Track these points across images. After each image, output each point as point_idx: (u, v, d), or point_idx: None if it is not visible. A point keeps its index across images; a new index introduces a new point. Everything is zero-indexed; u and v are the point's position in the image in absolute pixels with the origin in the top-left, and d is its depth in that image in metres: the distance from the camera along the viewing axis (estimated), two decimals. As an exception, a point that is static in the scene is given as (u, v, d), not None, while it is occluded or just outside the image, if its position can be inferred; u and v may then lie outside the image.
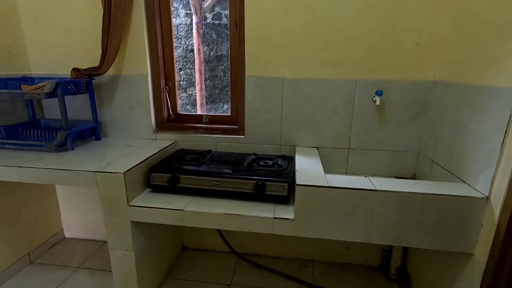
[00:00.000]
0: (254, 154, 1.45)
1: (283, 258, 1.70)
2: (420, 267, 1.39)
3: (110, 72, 1.52)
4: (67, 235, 1.89)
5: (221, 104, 2.27)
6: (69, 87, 1.37)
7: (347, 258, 1.66)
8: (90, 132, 1.54)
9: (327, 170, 1.20)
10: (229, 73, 1.61)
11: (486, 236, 0.94)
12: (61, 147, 1.35)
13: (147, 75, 1.52)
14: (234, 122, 1.60)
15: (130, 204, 1.14)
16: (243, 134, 1.54)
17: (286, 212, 1.09)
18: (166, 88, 1.60)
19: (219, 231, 1.66)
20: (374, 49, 1.33)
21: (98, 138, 1.56)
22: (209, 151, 1.47)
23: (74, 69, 1.42)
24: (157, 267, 1.44)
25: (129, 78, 1.53)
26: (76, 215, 1.83)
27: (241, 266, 1.64)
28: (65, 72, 1.50)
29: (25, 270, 1.59)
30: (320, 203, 1.03)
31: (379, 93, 1.34)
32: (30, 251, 1.64)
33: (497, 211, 0.89)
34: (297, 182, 1.04)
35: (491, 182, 0.92)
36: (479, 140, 0.99)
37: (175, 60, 1.61)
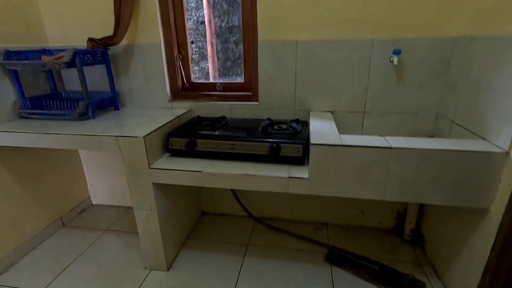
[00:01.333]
0: (268, 119, 1.46)
1: (298, 221, 1.75)
2: (434, 228, 1.41)
3: (125, 41, 1.53)
4: (94, 202, 2.02)
5: (234, 77, 2.26)
6: (86, 57, 1.40)
7: (361, 221, 1.70)
8: (109, 102, 1.59)
9: (342, 134, 1.19)
10: (241, 44, 1.59)
11: (503, 191, 0.93)
12: (83, 116, 1.41)
13: (160, 43, 1.52)
14: (248, 89, 1.61)
15: (151, 167, 1.20)
16: (257, 101, 1.54)
17: (301, 172, 1.12)
18: (179, 57, 1.60)
19: (235, 196, 1.73)
20: (393, 6, 1.27)
21: (117, 108, 1.61)
22: (224, 118, 1.49)
23: (90, 39, 1.44)
24: (179, 228, 1.53)
25: (143, 47, 1.55)
26: (102, 184, 1.94)
27: (258, 228, 1.71)
28: (81, 43, 1.52)
29: (60, 232, 1.73)
30: (334, 162, 1.05)
31: (397, 52, 1.29)
32: (62, 215, 1.78)
33: (517, 165, 0.88)
34: (312, 141, 1.05)
35: (513, 136, 0.90)
36: (503, 95, 0.95)
37: (187, 28, 1.59)
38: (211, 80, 1.83)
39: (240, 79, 1.68)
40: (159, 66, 1.57)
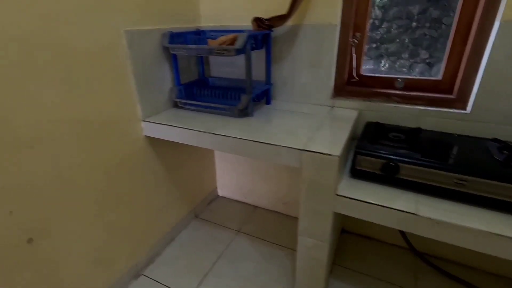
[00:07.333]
0: (495, 139, 1.01)
1: (480, 270, 1.31)
2: None
3: (288, 22, 1.25)
4: (220, 193, 1.93)
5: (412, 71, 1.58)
6: (252, 42, 1.17)
7: None
8: (262, 94, 1.36)
9: None
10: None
11: None
12: (242, 112, 1.20)
13: (336, 25, 1.19)
14: (448, 90, 1.17)
15: (337, 193, 0.92)
16: (465, 108, 1.10)
17: None
18: (354, 42, 1.25)
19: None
20: None
21: (268, 102, 1.38)
22: (419, 130, 1.11)
23: (256, 19, 1.19)
24: (331, 254, 1.27)
25: (312, 29, 1.23)
26: (230, 177, 1.82)
27: (421, 268, 1.34)
28: (234, 23, 1.32)
29: (193, 223, 1.67)
30: None
31: None
32: (195, 206, 1.72)
33: None
34: None
35: None
36: None
37: (370, 1, 1.21)
38: (384, 74, 1.40)
39: (427, 74, 1.25)
40: (328, 53, 1.24)
